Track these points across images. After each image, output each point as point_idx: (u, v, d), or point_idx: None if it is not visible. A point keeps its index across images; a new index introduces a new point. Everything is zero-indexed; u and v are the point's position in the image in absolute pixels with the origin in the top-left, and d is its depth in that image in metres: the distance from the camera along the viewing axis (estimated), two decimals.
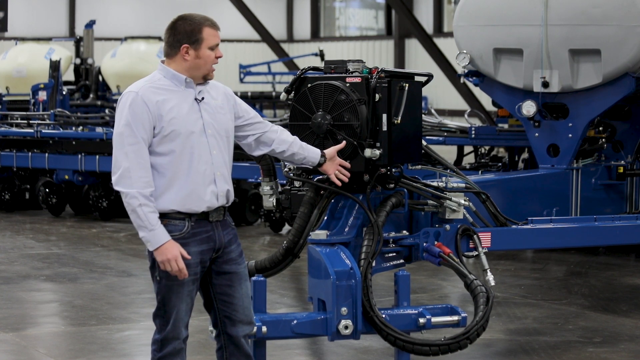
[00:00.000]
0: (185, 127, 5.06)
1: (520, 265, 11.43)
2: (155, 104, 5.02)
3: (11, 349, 7.81)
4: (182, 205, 5.05)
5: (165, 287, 5.11)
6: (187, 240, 5.06)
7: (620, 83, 9.63)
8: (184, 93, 5.13)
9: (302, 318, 5.77)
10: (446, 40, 31.54)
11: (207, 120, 5.13)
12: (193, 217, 5.09)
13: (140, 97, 5.03)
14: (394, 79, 6.01)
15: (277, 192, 6.39)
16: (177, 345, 5.18)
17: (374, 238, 5.87)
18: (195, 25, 5.10)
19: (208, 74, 5.16)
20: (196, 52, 5.10)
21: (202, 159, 5.08)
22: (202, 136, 5.10)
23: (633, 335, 8.18)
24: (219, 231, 5.17)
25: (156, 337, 5.20)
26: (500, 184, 9.19)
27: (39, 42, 24.72)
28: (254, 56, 38.58)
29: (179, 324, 5.15)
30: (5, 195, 16.26)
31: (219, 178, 5.14)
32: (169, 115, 5.04)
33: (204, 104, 5.16)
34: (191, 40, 5.10)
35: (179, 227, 5.06)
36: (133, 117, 5.00)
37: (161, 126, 5.02)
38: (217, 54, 5.17)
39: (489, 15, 10.01)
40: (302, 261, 6.24)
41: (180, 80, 5.12)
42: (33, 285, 10.33)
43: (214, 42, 5.12)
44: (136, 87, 5.09)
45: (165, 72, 5.15)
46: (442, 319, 5.94)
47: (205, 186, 5.09)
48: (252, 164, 13.01)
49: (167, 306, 5.12)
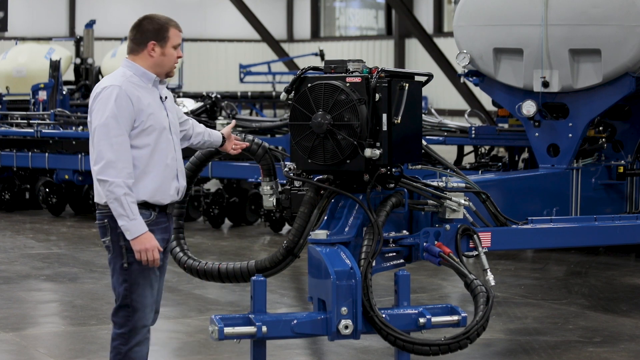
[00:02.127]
0: (160, 122, 5.33)
1: (520, 265, 11.43)
2: (137, 98, 5.26)
3: (11, 349, 7.81)
4: (151, 197, 5.32)
5: (136, 271, 5.29)
6: (152, 228, 5.30)
7: (620, 83, 9.63)
8: (152, 91, 5.37)
9: (302, 318, 5.77)
10: (446, 40, 31.53)
11: (170, 118, 5.43)
12: (157, 208, 5.36)
13: (124, 91, 5.25)
14: (394, 79, 6.01)
15: (277, 192, 6.40)
16: (146, 333, 5.35)
17: (374, 238, 5.87)
18: (162, 24, 5.38)
19: (170, 71, 5.41)
20: (162, 49, 5.35)
21: (169, 155, 5.36)
22: (169, 133, 5.38)
23: (633, 335, 8.18)
24: (171, 223, 5.52)
25: (120, 331, 5.32)
26: (500, 184, 9.19)
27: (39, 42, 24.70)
28: (254, 56, 38.58)
29: (147, 310, 5.32)
30: (5, 195, 16.25)
31: (180, 174, 5.46)
32: (148, 110, 5.29)
33: (167, 103, 5.44)
34: (158, 37, 5.35)
35: (145, 215, 5.30)
36: (119, 109, 5.21)
37: (141, 120, 5.25)
38: (179, 54, 5.43)
39: (489, 15, 10.01)
40: (302, 261, 6.24)
41: (150, 78, 5.36)
42: (33, 285, 10.33)
43: (177, 41, 5.40)
44: (117, 81, 5.29)
45: (135, 70, 5.36)
46: (442, 319, 5.94)
47: (170, 181, 5.38)
48: (252, 164, 13.01)
49: (134, 293, 5.29)
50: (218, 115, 14.43)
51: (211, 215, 14.36)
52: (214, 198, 14.40)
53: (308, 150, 6.01)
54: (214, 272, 6.33)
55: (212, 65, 40.00)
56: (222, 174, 14.12)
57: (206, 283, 7.34)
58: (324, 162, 5.98)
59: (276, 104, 29.85)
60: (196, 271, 6.42)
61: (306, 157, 6.03)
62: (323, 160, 5.98)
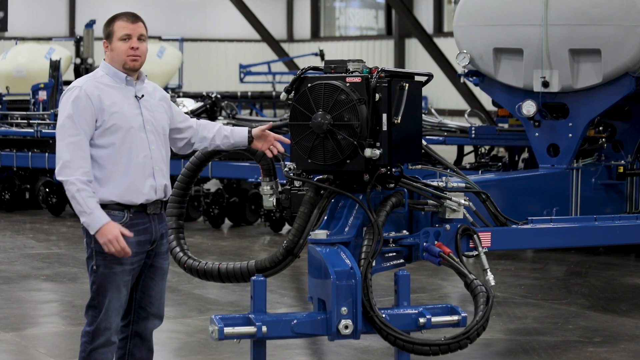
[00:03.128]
0: (126, 121, 5.31)
1: (520, 265, 11.44)
2: (97, 97, 5.27)
3: (11, 349, 7.81)
4: (121, 197, 5.30)
5: (102, 276, 5.30)
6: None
7: (620, 83, 9.63)
8: (125, 90, 5.38)
9: (302, 318, 5.76)
10: (446, 40, 31.53)
11: (146, 117, 5.39)
12: (132, 208, 5.32)
13: (84, 91, 5.27)
14: (394, 79, 6.01)
15: (277, 192, 6.39)
16: (109, 336, 5.35)
17: (374, 238, 5.87)
18: (109, 21, 5.42)
19: (125, 63, 5.37)
20: (111, 45, 5.39)
21: (141, 154, 5.32)
22: (142, 131, 5.35)
23: (633, 335, 8.18)
24: (155, 224, 5.43)
25: (87, 329, 5.37)
26: (500, 184, 9.19)
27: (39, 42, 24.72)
28: (254, 56, 38.57)
29: (111, 314, 5.32)
30: (5, 195, 16.25)
31: (158, 172, 5.39)
32: (111, 109, 5.29)
33: (143, 101, 5.41)
34: (106, 35, 5.42)
35: (118, 217, 5.28)
36: (75, 110, 5.24)
37: (103, 119, 5.26)
38: (131, 45, 5.37)
39: (489, 15, 10.01)
40: (302, 261, 6.23)
41: (121, 77, 5.38)
42: (33, 285, 10.33)
43: (123, 32, 5.36)
44: (80, 82, 5.35)
45: (107, 70, 5.41)
46: (442, 319, 5.94)
47: (144, 179, 5.33)
48: (252, 164, 13.01)
49: (101, 296, 5.31)
50: (218, 115, 14.43)
51: (211, 215, 14.36)
52: (214, 198, 14.40)
53: (308, 150, 6.01)
54: (214, 272, 6.33)
55: (212, 65, 40.00)
56: (222, 174, 14.12)
57: (206, 283, 7.34)
58: (324, 162, 5.98)
59: (276, 104, 29.85)
60: (196, 271, 6.42)
61: (306, 157, 6.03)
62: (323, 160, 5.98)
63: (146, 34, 5.44)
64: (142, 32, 5.40)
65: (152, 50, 24.53)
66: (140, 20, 5.42)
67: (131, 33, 5.36)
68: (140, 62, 5.39)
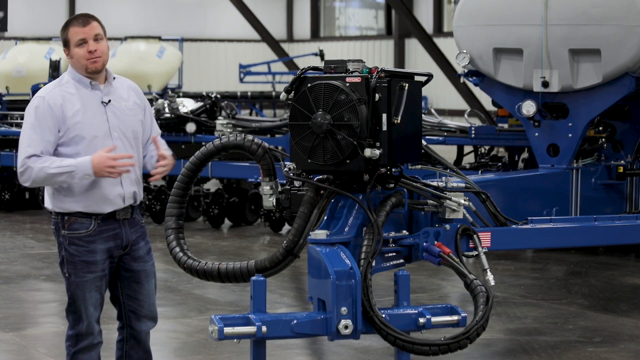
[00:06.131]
0: (89, 131, 5.22)
1: (520, 265, 11.44)
2: (59, 107, 5.19)
3: (11, 349, 7.81)
4: (86, 207, 5.23)
5: (74, 284, 5.29)
6: (93, 238, 5.24)
7: (620, 83, 9.63)
8: (90, 95, 5.29)
9: (302, 318, 5.76)
10: (446, 40, 31.52)
11: (113, 123, 5.29)
12: (99, 216, 5.26)
13: (47, 101, 5.20)
14: (394, 79, 6.00)
15: (277, 192, 6.39)
16: (92, 339, 5.36)
17: (374, 238, 5.86)
18: (63, 28, 5.32)
19: (86, 67, 5.27)
20: (70, 52, 5.30)
21: None
22: (108, 139, 5.26)
23: (633, 335, 8.18)
24: (126, 229, 5.35)
25: (70, 333, 5.36)
26: (500, 184, 9.20)
27: (39, 42, 24.68)
28: (254, 56, 38.56)
29: (90, 317, 5.32)
30: (5, 195, 16.26)
31: (125, 180, 5.30)
32: (73, 119, 5.20)
33: (110, 107, 5.31)
34: (64, 43, 5.34)
35: (85, 225, 5.24)
36: (37, 119, 5.17)
37: (65, 129, 5.19)
38: (88, 49, 5.27)
39: (489, 15, 10.01)
40: (302, 261, 6.23)
41: (86, 83, 5.29)
42: (33, 285, 10.33)
43: (77, 38, 5.26)
44: (44, 91, 5.27)
45: (72, 75, 5.34)
46: (442, 319, 5.93)
47: (111, 188, 5.26)
48: (252, 164, 13.01)
49: (77, 302, 5.30)
50: (218, 115, 14.43)
51: (211, 215, 14.36)
52: (214, 198, 14.40)
53: (308, 150, 6.00)
54: (214, 272, 6.32)
55: (212, 65, 39.99)
56: (222, 174, 14.12)
57: (206, 283, 7.34)
58: (324, 162, 5.97)
59: (276, 104, 29.85)
60: (196, 271, 6.40)
61: (306, 157, 6.02)
62: (323, 160, 5.97)
63: (103, 32, 5.32)
64: (97, 31, 5.29)
65: (152, 50, 24.50)
66: (93, 20, 5.32)
67: (85, 37, 5.27)
68: (101, 62, 5.30)
